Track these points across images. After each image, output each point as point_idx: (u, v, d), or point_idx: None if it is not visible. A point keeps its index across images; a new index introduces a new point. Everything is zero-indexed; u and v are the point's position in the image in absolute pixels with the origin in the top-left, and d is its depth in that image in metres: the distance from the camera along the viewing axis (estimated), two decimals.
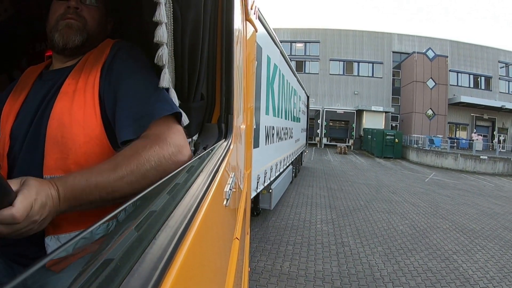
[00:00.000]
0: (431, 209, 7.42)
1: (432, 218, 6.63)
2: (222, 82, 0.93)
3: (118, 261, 0.24)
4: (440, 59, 23.49)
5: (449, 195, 9.42)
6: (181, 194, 0.41)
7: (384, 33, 27.02)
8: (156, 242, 0.29)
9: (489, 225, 6.59)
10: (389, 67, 26.67)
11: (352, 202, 7.38)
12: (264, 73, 4.27)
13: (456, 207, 7.86)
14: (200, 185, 0.48)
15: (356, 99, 26.33)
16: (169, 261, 0.28)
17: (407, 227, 5.82)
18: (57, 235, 0.66)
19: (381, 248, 4.67)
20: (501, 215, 7.48)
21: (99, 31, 0.80)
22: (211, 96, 0.95)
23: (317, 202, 7.07)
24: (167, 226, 0.32)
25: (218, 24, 0.93)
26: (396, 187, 10.07)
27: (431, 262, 4.33)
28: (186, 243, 0.34)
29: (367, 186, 9.60)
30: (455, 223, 6.43)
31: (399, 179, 11.83)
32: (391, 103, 26.21)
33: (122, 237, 0.28)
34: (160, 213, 0.35)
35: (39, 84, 0.78)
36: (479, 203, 8.77)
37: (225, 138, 0.88)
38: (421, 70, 23.14)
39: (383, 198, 8.06)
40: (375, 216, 6.31)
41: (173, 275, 0.28)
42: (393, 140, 20.03)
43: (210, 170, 0.57)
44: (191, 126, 0.80)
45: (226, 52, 0.93)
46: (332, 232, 5.21)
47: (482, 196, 9.90)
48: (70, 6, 0.74)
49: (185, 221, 0.36)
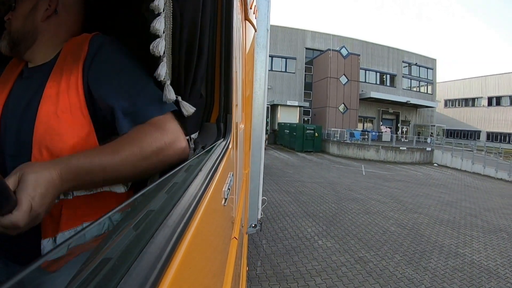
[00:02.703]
0: (397, 204, 7.89)
1: (406, 213, 7.02)
2: (221, 82, 0.93)
3: (116, 260, 0.24)
4: (353, 57, 25.10)
5: (398, 188, 10.24)
6: (180, 194, 0.41)
7: (299, 30, 27.52)
8: (154, 242, 0.29)
9: (455, 214, 7.38)
10: (302, 63, 27.39)
11: (323, 205, 7.23)
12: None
13: (416, 199, 8.59)
14: (199, 185, 0.48)
15: (270, 93, 26.04)
16: (167, 260, 0.28)
17: (398, 227, 5.97)
18: (54, 237, 0.66)
19: (400, 256, 4.54)
20: (455, 203, 8.57)
21: (30, 25, 0.77)
22: (210, 96, 0.95)
23: (291, 211, 6.56)
24: (165, 225, 0.32)
25: (217, 24, 0.92)
26: (345, 183, 10.36)
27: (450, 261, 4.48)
28: (184, 243, 0.34)
29: (319, 185, 9.66)
30: (429, 216, 6.93)
31: (340, 175, 12.24)
32: (303, 97, 26.98)
33: (120, 236, 0.28)
34: (159, 213, 0.35)
35: (20, 83, 0.76)
36: (428, 192, 9.79)
37: (224, 138, 0.88)
38: (335, 66, 24.41)
39: (347, 197, 8.25)
40: (360, 220, 6.27)
41: (171, 274, 0.28)
42: (313, 134, 20.86)
43: (209, 169, 0.57)
44: (187, 124, 0.80)
45: (225, 51, 0.93)
46: (340, 248, 4.69)
47: (424, 186, 11.01)
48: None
49: (184, 220, 0.36)
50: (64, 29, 0.80)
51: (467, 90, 37.65)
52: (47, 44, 0.78)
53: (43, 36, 0.77)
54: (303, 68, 27.42)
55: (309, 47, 27.65)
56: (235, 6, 1.03)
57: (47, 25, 0.78)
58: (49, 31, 0.78)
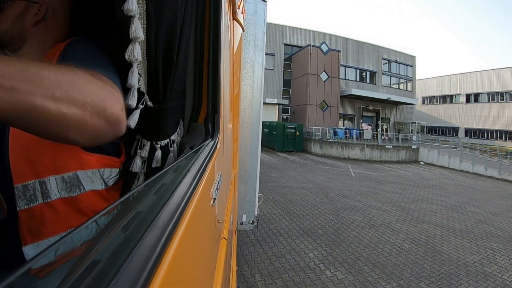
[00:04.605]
0: (401, 212, 7.28)
1: (415, 224, 6.42)
2: (209, 82, 0.92)
3: (106, 262, 0.23)
4: (333, 53, 24.57)
5: (394, 191, 9.74)
6: (168, 194, 0.41)
7: (277, 25, 26.74)
8: (144, 243, 0.28)
9: (464, 221, 6.93)
10: (280, 59, 26.73)
11: (320, 218, 6.45)
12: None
13: (418, 205, 8.07)
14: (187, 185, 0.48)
15: None
16: (157, 261, 0.28)
17: (411, 243, 5.23)
18: (36, 243, 0.64)
19: (427, 285, 3.90)
20: (460, 207, 8.16)
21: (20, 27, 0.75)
22: (198, 96, 0.94)
23: (284, 229, 5.63)
24: (155, 226, 0.32)
25: (204, 23, 0.92)
26: (337, 188, 9.70)
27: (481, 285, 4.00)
28: (173, 244, 0.34)
29: (309, 191, 8.92)
30: (440, 226, 6.39)
31: (329, 177, 11.59)
32: (282, 95, 26.40)
33: (109, 238, 0.27)
34: (147, 214, 0.35)
35: None
36: (427, 196, 9.37)
37: (212, 138, 0.88)
38: (315, 63, 23.74)
39: (344, 206, 7.48)
40: (366, 236, 5.51)
41: (161, 275, 0.28)
42: (294, 133, 20.07)
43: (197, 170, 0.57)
44: (167, 126, 0.79)
45: (213, 51, 0.93)
46: (355, 280, 3.85)
47: (420, 188, 10.59)
48: None
49: (172, 221, 0.36)
50: (52, 34, 0.79)
51: (445, 87, 38.49)
52: (34, 49, 0.76)
53: (32, 41, 0.76)
54: (282, 64, 26.72)
55: (288, 43, 27.01)
56: (223, 6, 1.03)
57: (35, 30, 0.76)
58: (38, 36, 0.77)
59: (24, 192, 0.64)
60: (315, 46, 24.29)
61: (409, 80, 32.38)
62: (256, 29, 2.67)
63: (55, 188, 0.65)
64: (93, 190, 0.69)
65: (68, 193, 0.66)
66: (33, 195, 0.64)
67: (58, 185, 0.65)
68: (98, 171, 0.70)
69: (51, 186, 0.64)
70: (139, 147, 0.79)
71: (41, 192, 0.64)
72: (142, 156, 0.78)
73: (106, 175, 0.72)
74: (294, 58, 26.32)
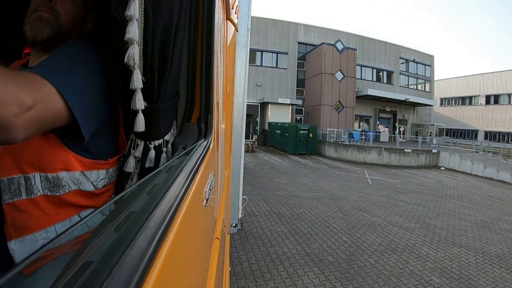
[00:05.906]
0: (426, 230, 6.23)
1: (443, 247, 5.35)
2: (202, 82, 0.92)
3: (98, 263, 0.23)
4: (349, 52, 23.27)
5: (417, 203, 8.60)
6: (161, 195, 0.41)
7: (290, 23, 25.72)
8: (136, 244, 0.28)
9: (499, 243, 5.83)
10: (294, 58, 25.61)
11: (331, 239, 5.30)
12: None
13: (445, 221, 7.01)
14: (180, 186, 0.48)
15: (259, 90, 24.55)
16: (150, 262, 0.28)
17: (442, 276, 4.22)
18: (21, 238, 0.64)
19: None
20: (491, 224, 7.06)
21: (73, 26, 0.77)
22: (191, 96, 0.94)
23: (287, 253, 4.59)
24: (147, 227, 0.32)
25: (198, 23, 0.92)
26: (352, 198, 8.56)
27: None
28: (166, 244, 0.34)
29: (320, 203, 7.78)
30: (472, 250, 5.34)
31: (343, 185, 10.42)
32: (295, 95, 25.29)
33: (102, 238, 0.27)
34: (140, 214, 0.34)
35: None
36: (453, 209, 8.27)
37: (205, 138, 0.88)
38: (329, 61, 22.60)
39: (359, 222, 6.39)
40: (387, 266, 4.42)
41: (154, 276, 0.28)
42: (307, 135, 18.73)
43: (190, 170, 0.57)
44: (161, 126, 0.79)
45: (206, 51, 0.93)
46: None
47: (444, 199, 9.52)
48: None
49: (165, 221, 0.36)
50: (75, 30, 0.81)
51: (464, 88, 36.32)
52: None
53: (68, 38, 0.76)
54: (296, 63, 25.55)
55: (301, 41, 25.88)
56: (217, 6, 1.03)
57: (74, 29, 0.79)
58: (74, 37, 0.79)
59: (9, 186, 0.64)
60: (330, 44, 23.04)
61: (427, 81, 30.87)
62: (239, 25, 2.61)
63: (39, 184, 0.65)
64: (81, 190, 0.69)
65: (52, 192, 0.66)
66: (17, 189, 0.64)
67: (42, 183, 0.65)
68: (84, 173, 0.70)
69: (35, 183, 0.65)
70: (133, 147, 0.78)
71: (25, 188, 0.64)
72: (136, 156, 0.78)
73: (93, 177, 0.72)
74: (308, 56, 25.09)
